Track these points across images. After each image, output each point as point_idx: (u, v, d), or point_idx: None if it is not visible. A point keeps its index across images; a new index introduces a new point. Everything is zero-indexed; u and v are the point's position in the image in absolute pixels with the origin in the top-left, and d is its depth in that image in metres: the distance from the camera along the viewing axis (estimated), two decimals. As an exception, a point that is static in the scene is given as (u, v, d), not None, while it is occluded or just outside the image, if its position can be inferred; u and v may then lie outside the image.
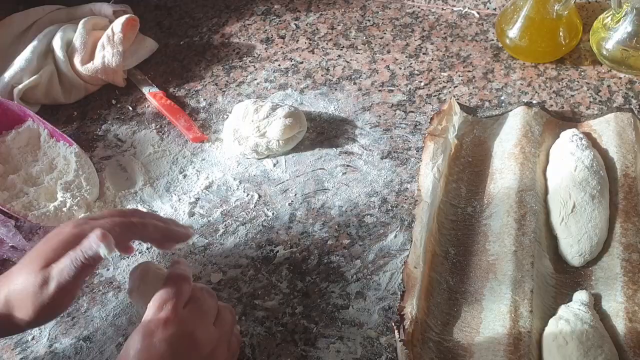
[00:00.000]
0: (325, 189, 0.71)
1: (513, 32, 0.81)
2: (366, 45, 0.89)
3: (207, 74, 0.88)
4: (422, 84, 0.82)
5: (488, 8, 0.93)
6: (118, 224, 0.52)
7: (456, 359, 0.55)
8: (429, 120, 0.75)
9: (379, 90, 0.82)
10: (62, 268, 0.49)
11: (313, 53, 0.89)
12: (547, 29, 0.80)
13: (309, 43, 0.91)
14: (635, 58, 0.77)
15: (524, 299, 0.56)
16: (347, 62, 0.87)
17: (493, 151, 0.71)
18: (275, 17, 0.96)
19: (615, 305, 0.56)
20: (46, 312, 0.50)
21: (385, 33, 0.91)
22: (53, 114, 0.83)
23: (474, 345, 0.55)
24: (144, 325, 0.48)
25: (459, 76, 0.83)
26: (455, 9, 0.94)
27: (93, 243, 0.48)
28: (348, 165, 0.73)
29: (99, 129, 0.81)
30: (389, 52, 0.88)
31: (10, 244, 0.65)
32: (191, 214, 0.70)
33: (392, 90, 0.82)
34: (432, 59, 0.86)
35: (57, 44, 0.83)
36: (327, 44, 0.90)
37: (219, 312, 0.52)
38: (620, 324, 0.55)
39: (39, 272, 0.49)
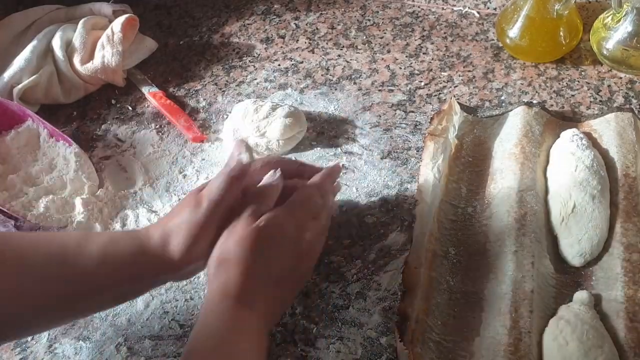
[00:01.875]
0: (325, 189, 0.71)
1: (513, 31, 0.81)
2: (366, 45, 0.89)
3: (207, 73, 0.88)
4: (422, 83, 0.82)
5: (488, 8, 0.92)
6: (261, 160, 0.60)
7: (456, 359, 0.55)
8: (429, 120, 0.75)
9: (379, 90, 0.82)
10: (212, 186, 0.54)
11: (313, 53, 0.89)
12: (547, 29, 0.80)
13: (309, 43, 0.91)
14: (636, 58, 0.77)
15: (524, 299, 0.56)
16: (347, 61, 0.87)
17: (493, 151, 0.71)
18: (275, 17, 0.96)
19: (615, 305, 0.56)
20: (196, 238, 0.52)
21: (385, 33, 0.91)
22: (52, 114, 0.82)
23: (474, 345, 0.55)
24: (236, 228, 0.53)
25: (459, 76, 0.83)
26: (455, 8, 0.94)
27: (234, 153, 0.55)
28: (348, 165, 0.73)
29: (98, 129, 0.81)
30: (389, 51, 0.88)
31: (9, 244, 0.65)
32: (191, 214, 0.70)
33: (392, 90, 0.82)
34: (432, 59, 0.86)
35: (56, 43, 0.83)
36: (327, 43, 0.90)
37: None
38: (620, 324, 0.55)
39: (194, 196, 0.54)
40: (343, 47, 0.90)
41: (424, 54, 0.87)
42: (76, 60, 0.82)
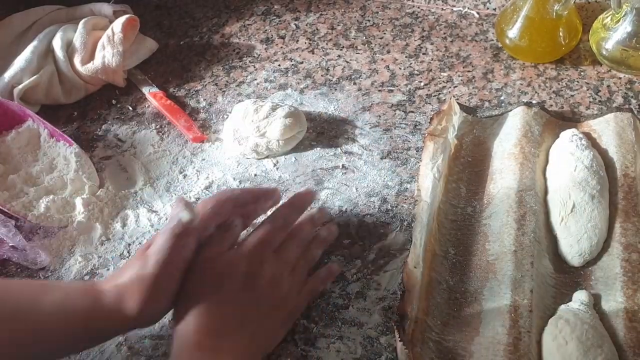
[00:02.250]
0: (325, 189, 0.71)
1: (513, 32, 0.81)
2: (366, 45, 0.89)
3: (207, 74, 0.88)
4: (422, 84, 0.82)
5: (488, 8, 0.93)
6: (210, 200, 0.57)
7: (456, 358, 0.55)
8: (428, 120, 0.75)
9: (379, 90, 0.82)
10: (157, 244, 0.52)
11: (313, 53, 0.89)
12: (546, 29, 0.81)
13: (309, 43, 0.91)
14: (635, 58, 0.77)
15: (523, 298, 0.56)
16: (347, 62, 0.87)
17: (493, 151, 0.72)
18: (275, 17, 0.96)
19: (614, 305, 0.56)
20: (152, 296, 0.51)
21: (385, 33, 0.91)
22: (53, 114, 0.83)
23: (474, 345, 0.55)
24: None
25: (459, 76, 0.83)
26: (455, 9, 0.94)
27: (174, 212, 0.53)
28: (348, 165, 0.73)
29: (99, 129, 0.81)
30: (388, 52, 0.88)
31: (10, 244, 0.65)
32: (191, 214, 0.70)
33: (392, 90, 0.82)
34: (432, 59, 0.86)
35: (57, 44, 0.83)
36: (327, 44, 0.91)
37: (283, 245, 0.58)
38: (619, 324, 0.55)
39: (141, 255, 0.52)
40: (343, 47, 0.90)
41: (423, 54, 0.87)
42: (77, 60, 0.82)
